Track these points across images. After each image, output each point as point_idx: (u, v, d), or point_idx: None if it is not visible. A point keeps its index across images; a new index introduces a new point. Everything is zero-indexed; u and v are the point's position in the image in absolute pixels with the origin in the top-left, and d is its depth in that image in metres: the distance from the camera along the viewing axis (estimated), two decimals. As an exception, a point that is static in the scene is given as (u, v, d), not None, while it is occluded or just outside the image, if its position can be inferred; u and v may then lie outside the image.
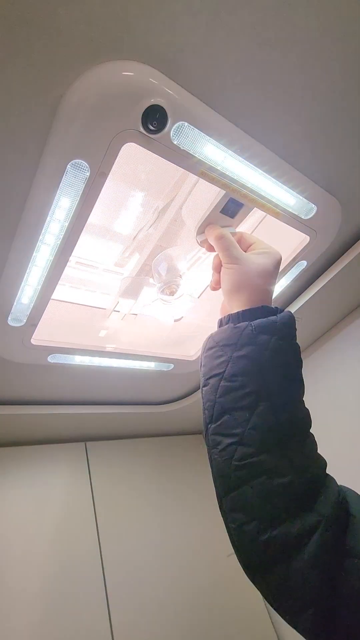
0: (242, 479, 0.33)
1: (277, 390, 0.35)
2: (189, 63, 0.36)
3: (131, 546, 0.84)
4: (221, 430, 0.35)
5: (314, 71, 0.40)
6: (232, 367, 0.36)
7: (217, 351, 0.38)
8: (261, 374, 0.35)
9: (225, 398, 0.36)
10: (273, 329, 0.37)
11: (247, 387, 0.35)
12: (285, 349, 0.37)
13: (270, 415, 0.34)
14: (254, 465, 0.33)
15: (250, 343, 0.36)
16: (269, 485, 0.32)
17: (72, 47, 0.32)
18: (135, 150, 0.40)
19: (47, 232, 0.44)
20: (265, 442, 0.34)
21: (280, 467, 0.33)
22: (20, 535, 0.73)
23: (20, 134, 0.36)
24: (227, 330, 0.39)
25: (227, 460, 0.34)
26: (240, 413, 0.35)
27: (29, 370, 0.66)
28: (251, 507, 0.32)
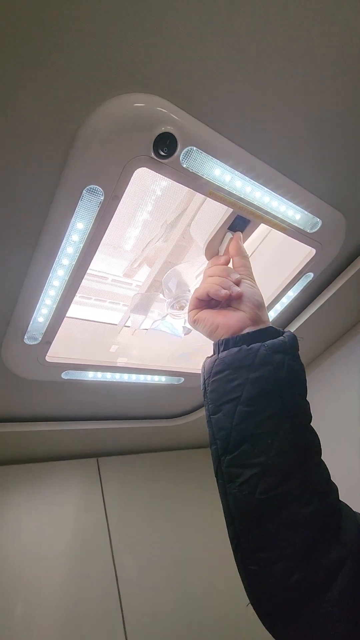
0: (269, 513, 0.30)
1: (295, 410, 0.35)
2: (196, 92, 0.38)
3: (145, 562, 0.83)
4: (240, 461, 0.32)
5: (315, 92, 0.42)
6: (249, 390, 0.34)
7: (230, 374, 0.36)
8: (280, 394, 0.34)
9: (245, 424, 0.33)
10: (285, 349, 0.37)
11: (267, 409, 0.33)
12: (297, 368, 0.37)
13: (293, 438, 0.33)
14: (281, 495, 0.31)
15: (267, 363, 0.35)
16: (298, 516, 0.30)
17: (86, 83, 0.34)
18: (146, 172, 0.42)
19: (63, 254, 0.46)
20: (290, 468, 0.31)
21: (306, 494, 0.31)
22: (34, 553, 0.73)
23: (40, 162, 0.38)
24: (240, 352, 0.37)
25: (249, 495, 0.31)
26: (262, 439, 0.32)
27: (43, 387, 0.67)
28: (279, 543, 0.29)
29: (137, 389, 0.79)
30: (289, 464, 0.32)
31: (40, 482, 0.83)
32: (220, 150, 0.43)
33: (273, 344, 0.37)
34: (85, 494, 0.87)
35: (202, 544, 0.92)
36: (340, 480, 0.36)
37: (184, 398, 0.91)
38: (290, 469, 0.32)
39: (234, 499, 0.32)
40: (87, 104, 0.36)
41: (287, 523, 0.30)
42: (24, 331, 0.54)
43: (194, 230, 0.58)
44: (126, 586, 0.77)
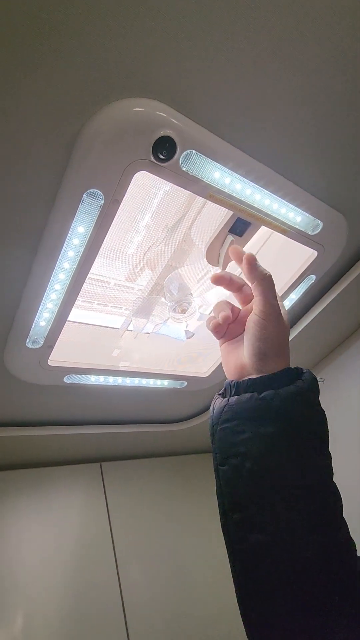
0: (274, 587, 0.28)
1: (312, 469, 0.31)
2: (196, 96, 0.39)
3: (149, 567, 0.82)
4: (247, 524, 0.30)
5: (314, 94, 0.42)
6: (260, 446, 0.31)
7: (238, 425, 0.33)
8: (294, 452, 0.31)
9: (253, 483, 0.30)
10: (301, 398, 0.32)
11: (279, 470, 0.30)
12: (316, 418, 0.33)
13: (307, 504, 0.29)
14: (289, 571, 0.28)
15: (280, 418, 0.31)
16: (306, 595, 0.27)
17: (86, 87, 0.35)
18: (147, 175, 0.42)
19: (64, 257, 0.46)
20: (306, 544, 0.28)
21: (321, 572, 0.28)
22: (37, 559, 0.73)
23: (41, 166, 0.39)
24: (249, 401, 0.33)
25: (256, 565, 0.29)
26: (272, 503, 0.29)
27: (45, 392, 0.67)
28: (287, 621, 0.28)
29: (140, 393, 0.79)
30: (300, 535, 0.29)
31: (43, 487, 0.83)
32: (220, 153, 0.43)
33: (288, 391, 0.32)
34: (88, 499, 0.86)
35: (206, 550, 0.91)
36: (344, 487, 0.35)
37: (187, 402, 0.90)
38: (301, 540, 0.28)
39: (240, 564, 0.31)
40: (86, 108, 0.36)
41: (293, 601, 0.28)
42: (26, 335, 0.54)
43: (195, 233, 0.58)
44: (129, 593, 0.76)
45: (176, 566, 0.85)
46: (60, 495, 0.84)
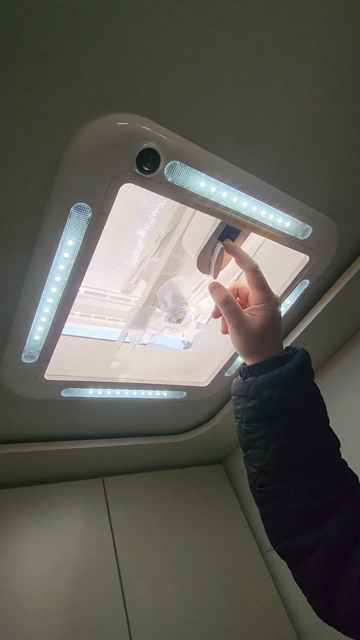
0: (264, 500, 0.42)
1: (283, 434, 0.41)
2: (177, 109, 0.39)
3: (154, 582, 0.80)
4: (248, 461, 0.44)
5: (296, 101, 0.43)
6: (246, 415, 0.43)
7: (236, 400, 0.45)
8: (268, 422, 0.42)
9: (246, 438, 0.44)
10: (276, 383, 0.42)
11: (258, 432, 0.42)
12: (290, 399, 0.41)
13: (279, 455, 0.41)
14: (270, 491, 0.41)
15: (256, 397, 0.42)
16: (282, 508, 0.40)
17: (70, 105, 0.36)
18: (136, 188, 0.43)
19: (55, 271, 0.47)
20: (278, 475, 0.41)
21: (292, 494, 0.39)
22: (41, 577, 0.71)
23: (27, 181, 0.40)
24: (238, 384, 0.45)
25: (252, 485, 0.43)
26: (258, 450, 0.42)
27: (43, 406, 0.67)
28: (272, 521, 0.41)
29: (140, 405, 0.79)
30: (278, 471, 0.41)
31: (44, 505, 0.82)
32: (204, 163, 0.43)
33: (264, 379, 0.43)
34: (91, 516, 0.85)
35: (211, 563, 0.88)
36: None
37: (187, 413, 0.89)
38: (280, 475, 0.41)
39: (250, 483, 0.44)
40: (71, 124, 0.37)
41: (274, 511, 0.40)
42: (21, 350, 0.55)
43: (186, 243, 0.59)
44: (134, 608, 0.74)
45: (182, 580, 0.83)
46: (62, 512, 0.82)
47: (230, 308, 0.47)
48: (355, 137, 0.49)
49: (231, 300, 0.47)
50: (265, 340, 0.45)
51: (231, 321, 0.46)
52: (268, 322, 0.45)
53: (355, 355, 0.85)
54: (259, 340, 0.45)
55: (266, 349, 0.45)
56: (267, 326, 0.45)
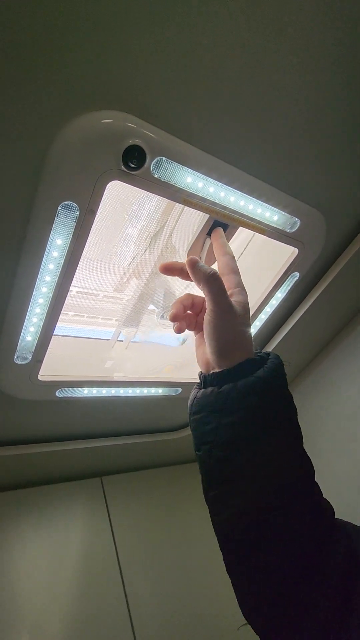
0: (247, 550, 0.33)
1: (273, 455, 0.33)
2: (162, 105, 0.40)
3: (156, 580, 0.80)
4: (220, 500, 0.35)
5: (282, 96, 0.43)
6: (223, 435, 0.34)
7: (205, 417, 0.35)
8: (254, 440, 0.33)
9: (220, 468, 0.34)
10: (260, 389, 0.34)
11: (241, 456, 0.33)
12: (276, 407, 0.35)
13: (270, 484, 0.33)
14: (255, 538, 0.33)
15: (239, 409, 0.33)
16: (274, 559, 0.32)
17: (53, 103, 0.36)
18: (125, 186, 0.43)
19: (45, 271, 0.47)
20: (266, 512, 0.32)
21: (286, 535, 0.32)
22: (41, 579, 0.71)
23: (13, 182, 0.39)
24: (211, 395, 0.35)
25: (229, 532, 0.34)
26: (238, 484, 0.33)
27: (38, 407, 0.67)
28: (253, 583, 0.33)
29: (135, 403, 0.79)
30: (265, 507, 0.32)
31: (43, 506, 0.81)
32: (190, 158, 0.44)
33: (246, 384, 0.34)
34: (90, 515, 0.85)
35: (213, 559, 0.89)
36: (340, 483, 0.36)
37: (183, 409, 0.89)
38: (267, 512, 0.32)
39: (217, 530, 0.35)
40: (54, 123, 0.37)
41: (262, 566, 0.32)
42: (13, 351, 0.54)
43: (176, 239, 0.59)
44: (137, 606, 0.75)
45: (183, 577, 0.84)
46: (62, 513, 0.82)
47: (220, 285, 0.37)
48: (340, 129, 0.49)
49: (220, 278, 0.38)
50: (244, 334, 0.38)
51: (219, 304, 0.37)
52: (246, 312, 0.38)
53: (348, 346, 0.86)
54: (240, 334, 0.37)
55: (243, 348, 0.37)
56: (246, 316, 0.38)
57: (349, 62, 0.43)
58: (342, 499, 0.76)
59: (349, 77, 0.44)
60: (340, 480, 0.78)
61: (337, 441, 0.82)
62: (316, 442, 0.85)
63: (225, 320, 0.37)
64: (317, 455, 0.85)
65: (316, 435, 0.85)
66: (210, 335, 0.37)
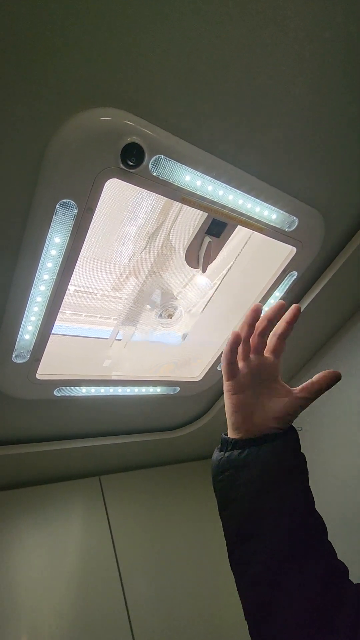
0: (268, 613, 0.34)
1: (291, 505, 0.36)
2: (160, 103, 0.40)
3: (153, 578, 0.80)
4: (246, 557, 0.37)
5: (278, 94, 0.43)
6: (249, 490, 0.37)
7: (232, 474, 0.39)
8: (276, 493, 0.37)
9: (246, 522, 0.37)
10: (281, 452, 0.38)
11: (265, 507, 0.36)
12: (294, 464, 0.38)
13: (290, 534, 0.35)
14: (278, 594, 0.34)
15: (261, 466, 0.38)
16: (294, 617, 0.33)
17: (52, 101, 0.36)
18: (124, 185, 0.43)
19: (43, 269, 0.47)
20: (279, 569, 0.34)
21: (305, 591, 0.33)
22: (41, 577, 0.71)
23: (11, 180, 0.39)
24: (240, 455, 0.39)
25: (255, 595, 0.36)
26: (262, 537, 0.36)
27: (36, 406, 0.67)
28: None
29: (133, 402, 0.79)
30: (283, 563, 0.34)
31: (42, 505, 0.81)
32: (189, 157, 0.44)
33: (268, 449, 0.38)
34: (89, 514, 0.85)
35: (211, 559, 0.89)
36: (343, 482, 0.37)
37: (181, 408, 0.90)
38: (284, 569, 0.34)
39: (241, 593, 0.37)
40: (53, 121, 0.37)
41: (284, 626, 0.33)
42: (11, 350, 0.54)
43: (174, 238, 0.59)
44: (135, 605, 0.75)
45: (181, 576, 0.84)
46: (60, 512, 0.82)
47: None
48: (339, 129, 0.50)
49: None
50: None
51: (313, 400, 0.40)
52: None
53: (346, 344, 0.86)
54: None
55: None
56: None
57: (348, 63, 0.43)
58: (342, 499, 0.76)
59: (348, 77, 0.44)
60: (339, 480, 0.78)
61: (337, 441, 0.82)
62: (316, 442, 0.85)
63: (280, 402, 0.40)
64: (317, 455, 0.86)
65: (316, 435, 0.85)
66: (292, 415, 0.40)
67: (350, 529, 0.73)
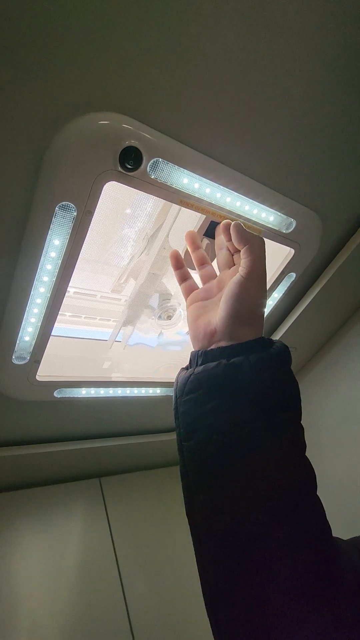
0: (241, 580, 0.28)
1: (284, 439, 0.29)
2: (158, 107, 0.40)
3: (154, 580, 0.80)
4: (215, 503, 0.28)
5: (275, 95, 0.44)
6: (229, 415, 0.29)
7: (205, 395, 0.30)
8: (266, 421, 0.29)
9: (219, 457, 0.28)
10: (275, 363, 0.31)
11: (249, 441, 0.28)
12: (289, 387, 0.31)
13: (278, 478, 0.27)
14: (257, 551, 0.27)
15: (252, 382, 0.29)
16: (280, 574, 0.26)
17: (51, 105, 0.36)
18: (123, 187, 0.43)
19: (42, 271, 0.47)
20: (268, 521, 0.27)
21: (292, 547, 0.27)
22: (40, 580, 0.71)
23: (11, 183, 0.40)
24: (218, 367, 0.31)
25: (223, 549, 0.29)
26: (238, 481, 0.28)
27: (36, 408, 0.67)
28: (258, 622, 0.28)
29: (133, 403, 0.79)
30: (266, 515, 0.27)
31: (42, 507, 0.81)
32: (187, 159, 0.44)
33: (261, 358, 0.30)
34: (89, 516, 0.85)
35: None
36: (340, 480, 0.34)
37: (181, 409, 0.90)
38: (268, 523, 0.27)
39: (205, 551, 0.30)
40: (52, 124, 0.37)
41: (260, 596, 0.27)
42: (11, 351, 0.55)
43: (173, 240, 0.59)
44: (135, 607, 0.75)
45: (182, 577, 0.84)
46: (60, 514, 0.82)
47: (264, 250, 0.37)
48: (337, 131, 0.50)
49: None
50: (261, 310, 0.36)
51: (257, 268, 0.34)
52: (266, 290, 0.36)
53: (345, 346, 0.86)
54: (259, 307, 0.35)
55: (255, 326, 0.35)
56: (265, 294, 0.36)
57: (347, 63, 0.43)
58: (342, 499, 0.76)
59: (347, 77, 0.44)
60: (339, 480, 0.78)
61: (336, 441, 0.82)
62: (315, 443, 0.85)
63: (256, 285, 0.34)
64: (316, 455, 0.86)
65: (315, 436, 0.85)
66: (235, 295, 0.34)
67: (351, 529, 0.73)
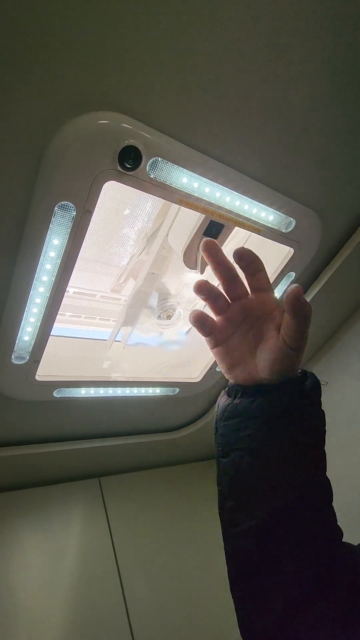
0: (263, 567, 0.32)
1: (307, 463, 0.33)
2: (157, 106, 0.40)
3: (153, 580, 0.80)
4: (243, 508, 0.33)
5: (278, 95, 0.44)
6: (260, 441, 0.34)
7: (241, 422, 0.35)
8: (291, 447, 0.33)
9: (250, 474, 0.34)
10: (305, 398, 0.34)
11: (275, 464, 0.33)
12: (317, 416, 0.35)
13: (300, 492, 0.32)
14: (277, 551, 0.32)
15: (282, 415, 0.33)
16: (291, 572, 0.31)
17: (50, 104, 0.36)
18: (122, 187, 0.43)
19: (42, 270, 0.47)
20: (292, 524, 0.32)
21: (306, 552, 0.31)
22: (40, 580, 0.71)
23: (10, 183, 0.40)
24: (254, 403, 0.35)
25: (246, 545, 0.33)
26: (265, 490, 0.33)
27: (35, 408, 0.67)
28: (266, 599, 0.31)
29: (133, 403, 0.79)
30: (286, 516, 0.32)
31: (41, 507, 0.81)
32: (186, 159, 0.44)
33: (292, 392, 0.34)
34: (88, 516, 0.85)
35: (210, 560, 0.89)
36: (343, 480, 0.36)
37: (181, 409, 0.90)
38: (292, 525, 0.32)
39: (232, 543, 0.34)
40: (51, 124, 0.37)
41: (273, 581, 0.31)
42: (10, 351, 0.55)
43: (172, 239, 0.59)
44: (135, 607, 0.75)
45: (181, 577, 0.84)
46: (60, 514, 0.82)
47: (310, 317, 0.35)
48: (336, 130, 0.50)
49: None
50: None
51: (304, 339, 0.35)
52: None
53: (345, 346, 0.86)
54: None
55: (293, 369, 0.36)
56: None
57: (346, 63, 0.43)
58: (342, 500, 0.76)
59: (347, 77, 0.44)
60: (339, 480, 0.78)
61: (336, 441, 0.82)
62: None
63: (301, 353, 0.35)
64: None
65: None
66: (281, 362, 0.34)
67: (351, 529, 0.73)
